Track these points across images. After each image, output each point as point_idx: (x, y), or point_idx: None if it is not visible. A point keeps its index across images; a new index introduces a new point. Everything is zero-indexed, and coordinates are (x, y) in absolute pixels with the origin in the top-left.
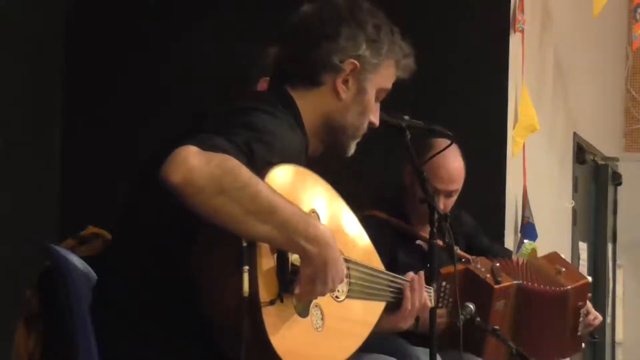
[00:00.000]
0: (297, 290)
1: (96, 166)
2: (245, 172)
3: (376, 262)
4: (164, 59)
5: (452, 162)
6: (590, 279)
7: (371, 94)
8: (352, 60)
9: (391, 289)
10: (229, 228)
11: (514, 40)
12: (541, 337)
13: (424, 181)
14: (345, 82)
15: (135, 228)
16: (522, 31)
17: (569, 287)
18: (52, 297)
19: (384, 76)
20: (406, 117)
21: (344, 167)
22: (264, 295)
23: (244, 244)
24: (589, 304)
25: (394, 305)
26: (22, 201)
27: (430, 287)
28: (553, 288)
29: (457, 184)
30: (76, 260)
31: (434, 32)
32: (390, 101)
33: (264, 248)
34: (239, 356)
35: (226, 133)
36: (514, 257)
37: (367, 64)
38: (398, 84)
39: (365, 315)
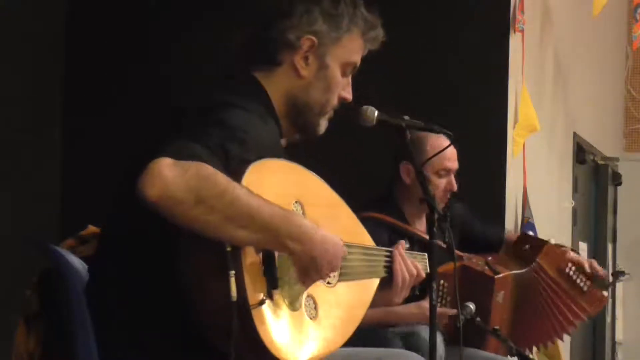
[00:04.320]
0: (299, 285)
1: (96, 166)
2: (221, 179)
3: (366, 239)
4: (164, 59)
5: (446, 140)
6: (552, 240)
7: (334, 69)
8: (309, 36)
9: (384, 264)
10: (211, 236)
11: (514, 40)
12: (542, 319)
13: (424, 181)
14: (305, 58)
15: (121, 229)
16: (522, 31)
17: (537, 259)
18: (52, 297)
19: (348, 49)
20: (406, 117)
21: (336, 168)
22: (252, 296)
23: (228, 249)
24: (574, 257)
25: (388, 280)
26: (22, 201)
27: (424, 254)
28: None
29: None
30: (76, 261)
31: (434, 32)
32: (391, 101)
33: (248, 248)
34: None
35: (199, 135)
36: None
37: (326, 39)
38: (397, 83)
39: (359, 295)
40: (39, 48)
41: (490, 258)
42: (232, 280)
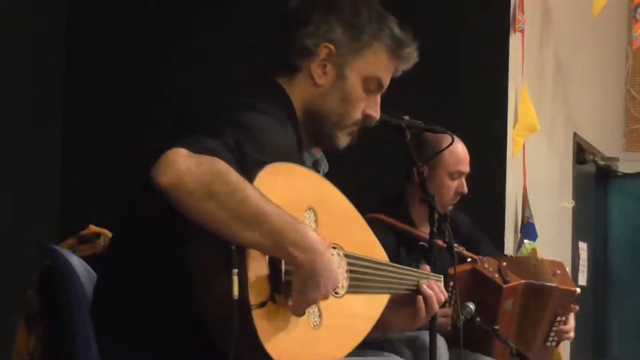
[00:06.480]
0: (290, 302)
1: (96, 166)
2: (234, 177)
3: (380, 255)
4: (164, 59)
5: (461, 143)
6: (579, 290)
7: (354, 81)
8: (326, 44)
9: (402, 282)
10: (216, 232)
11: (514, 40)
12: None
13: (425, 181)
14: (322, 67)
15: (130, 227)
16: (522, 31)
17: (554, 284)
18: (52, 297)
19: (370, 64)
20: (406, 117)
21: (344, 169)
22: (254, 297)
23: (233, 247)
24: (571, 319)
25: (407, 299)
26: (22, 201)
27: (440, 276)
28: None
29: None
30: (76, 261)
31: (434, 33)
32: (391, 101)
33: (255, 251)
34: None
35: (216, 132)
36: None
37: (345, 49)
38: (398, 83)
39: (366, 309)
40: (39, 48)
41: (504, 263)
42: (235, 278)
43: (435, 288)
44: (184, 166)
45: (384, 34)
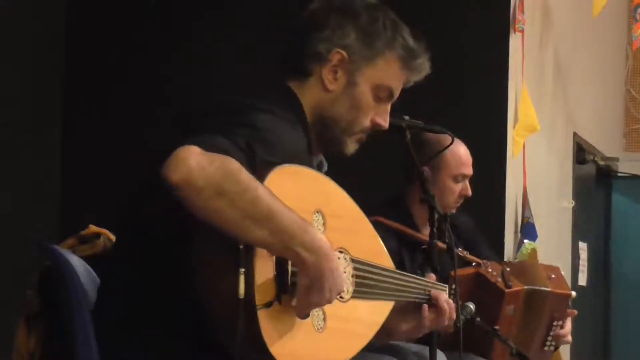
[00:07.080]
0: (293, 303)
1: (96, 166)
2: (245, 176)
3: (386, 261)
4: (164, 59)
5: (463, 145)
6: (574, 294)
7: (364, 88)
8: (339, 50)
9: (407, 290)
10: (225, 231)
11: (514, 40)
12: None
13: (424, 181)
14: (334, 72)
15: (134, 226)
16: (522, 31)
17: (549, 289)
18: (52, 297)
19: (382, 72)
20: (406, 117)
21: (344, 170)
22: (260, 297)
23: (241, 247)
24: (568, 323)
25: (412, 307)
26: (22, 201)
27: (445, 285)
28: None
29: None
30: (76, 261)
31: (433, 33)
32: None
33: (262, 250)
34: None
35: (227, 132)
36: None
37: (357, 55)
38: None
39: (371, 315)
40: (39, 48)
41: (508, 269)
42: (242, 277)
43: (452, 305)
44: (195, 163)
45: (397, 43)
